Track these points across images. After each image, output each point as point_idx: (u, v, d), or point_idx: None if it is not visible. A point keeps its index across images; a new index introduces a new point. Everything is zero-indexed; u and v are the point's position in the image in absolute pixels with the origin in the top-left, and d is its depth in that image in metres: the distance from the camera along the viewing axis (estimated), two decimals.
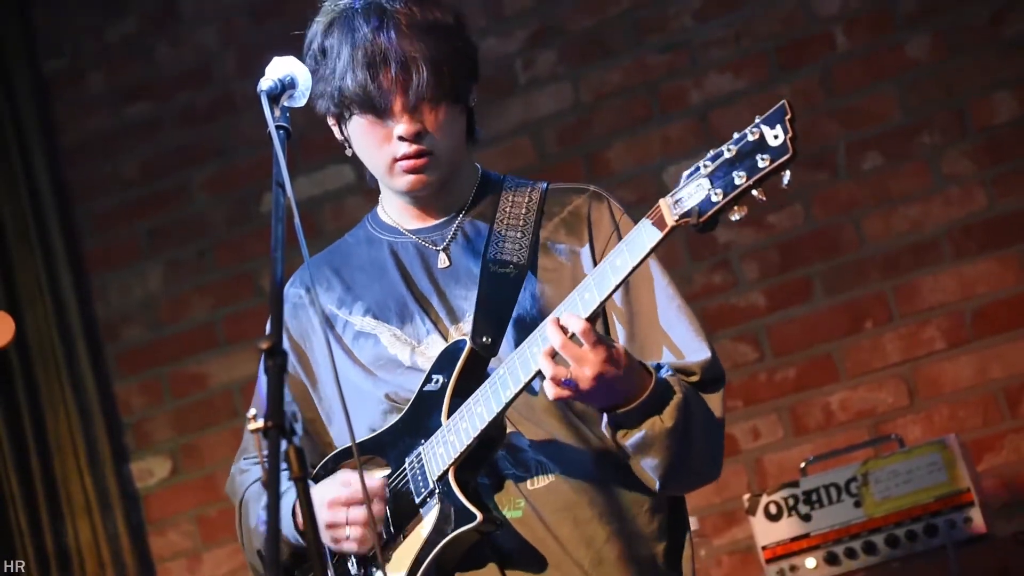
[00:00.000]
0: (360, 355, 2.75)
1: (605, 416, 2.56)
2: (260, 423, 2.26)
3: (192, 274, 4.77)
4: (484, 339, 2.65)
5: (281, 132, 2.51)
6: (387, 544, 2.64)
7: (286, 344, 2.65)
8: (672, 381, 2.58)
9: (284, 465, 2.21)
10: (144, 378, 4.74)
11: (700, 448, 2.61)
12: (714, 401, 2.66)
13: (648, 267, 2.69)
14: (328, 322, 2.79)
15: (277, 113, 2.49)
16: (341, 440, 2.77)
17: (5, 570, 3.35)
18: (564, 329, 2.47)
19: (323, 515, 2.59)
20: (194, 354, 4.72)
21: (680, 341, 2.68)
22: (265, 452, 2.29)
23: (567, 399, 2.51)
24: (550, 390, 2.48)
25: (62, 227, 4.73)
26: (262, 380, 2.83)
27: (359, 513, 2.60)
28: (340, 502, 2.61)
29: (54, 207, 4.72)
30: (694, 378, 2.65)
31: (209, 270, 4.75)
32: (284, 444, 2.24)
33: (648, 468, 2.59)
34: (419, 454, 2.65)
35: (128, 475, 4.66)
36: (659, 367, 2.60)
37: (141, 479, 4.67)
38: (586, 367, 2.46)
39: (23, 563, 3.46)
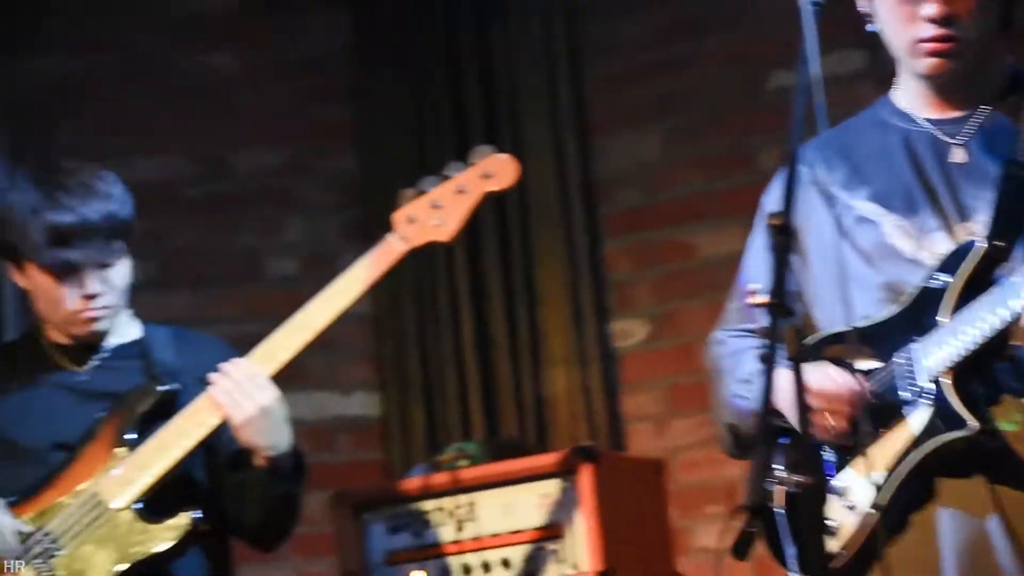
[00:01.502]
0: (859, 241, 2.70)
1: None
2: (762, 298, 2.29)
3: (691, 144, 4.76)
4: (999, 243, 2.56)
5: (814, 8, 2.47)
6: (864, 440, 2.60)
7: None
8: None
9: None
10: (632, 241, 4.78)
11: None
12: None
13: None
14: (829, 202, 2.75)
15: None
16: (827, 323, 2.73)
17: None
18: None
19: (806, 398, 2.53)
20: (684, 224, 4.73)
21: None
22: (762, 327, 2.31)
23: None
24: None
25: (572, 86, 4.79)
26: (752, 255, 2.87)
27: (840, 408, 2.57)
28: (825, 394, 2.58)
29: (566, 67, 4.79)
30: None
31: (708, 142, 4.74)
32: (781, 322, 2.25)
33: None
34: (911, 351, 2.59)
35: (608, 334, 4.73)
36: None
37: (620, 339, 4.74)
38: None
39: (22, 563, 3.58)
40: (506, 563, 3.87)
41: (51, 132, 4.74)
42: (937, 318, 2.58)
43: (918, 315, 2.61)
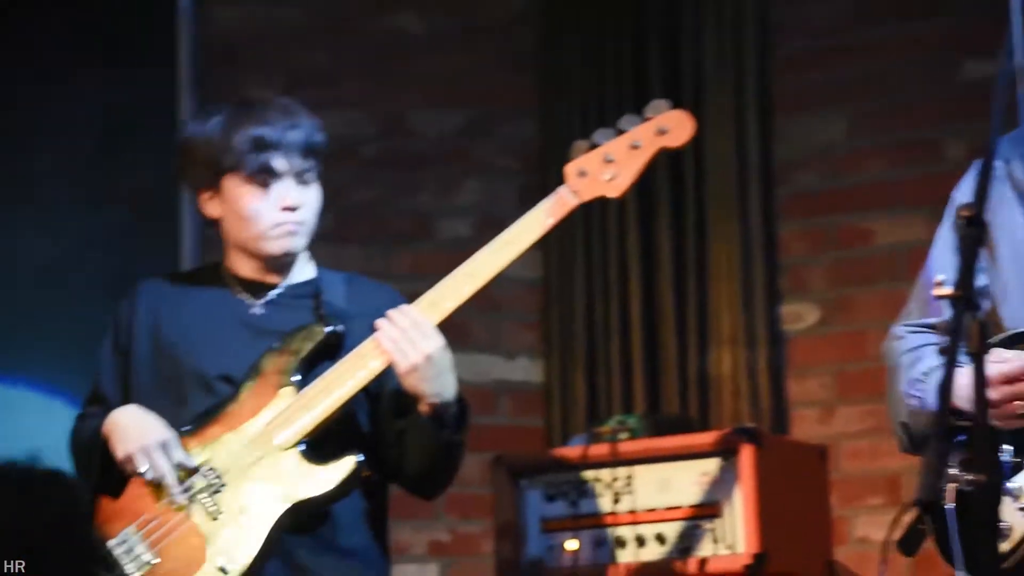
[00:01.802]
0: None
1: None
2: (947, 290, 2.25)
3: (875, 131, 4.65)
4: None
5: None
6: None
7: None
8: None
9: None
10: (809, 225, 4.69)
11: None
12: None
13: None
14: (1023, 200, 2.71)
15: None
16: (1014, 322, 2.69)
17: (5, 570, 3.58)
18: None
19: (990, 394, 2.52)
20: (862, 210, 4.62)
21: None
22: (945, 320, 2.34)
23: None
24: None
25: (758, 65, 4.71)
26: (939, 247, 2.83)
27: None
28: (1005, 378, 2.54)
29: (754, 45, 4.70)
30: None
31: (893, 130, 4.63)
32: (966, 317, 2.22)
33: None
34: None
35: (777, 316, 4.65)
36: None
37: (789, 322, 4.66)
38: None
39: (23, 563, 3.56)
40: (660, 538, 3.84)
41: (237, 83, 4.79)
42: None
43: None
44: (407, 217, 4.88)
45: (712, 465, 3.80)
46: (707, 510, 3.80)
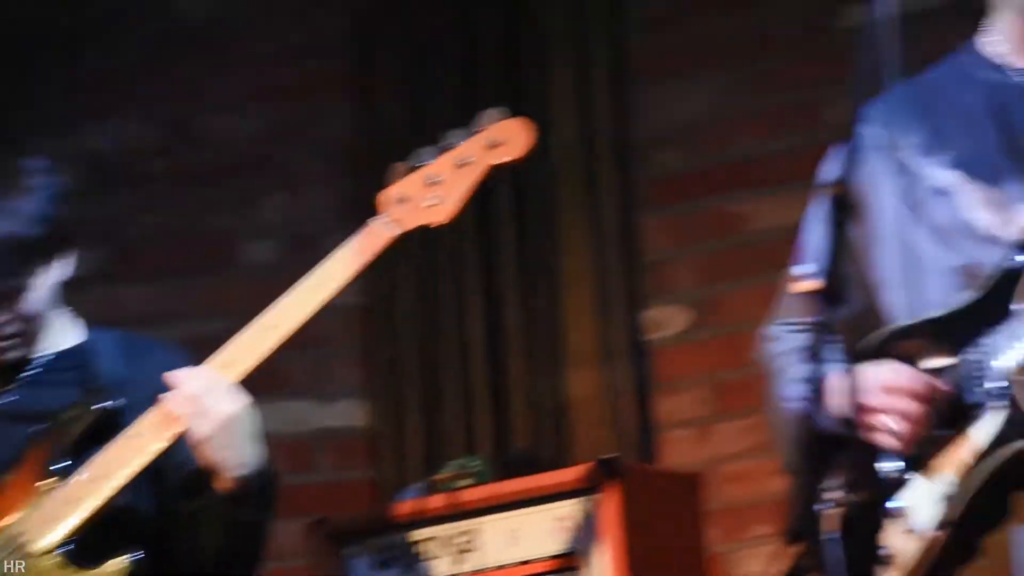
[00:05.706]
0: (934, 216, 2.70)
1: None
2: (810, 284, 2.35)
3: (745, 97, 4.66)
4: None
5: None
6: (930, 444, 2.60)
7: None
8: None
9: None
10: (673, 212, 4.67)
11: None
12: None
13: None
14: (900, 171, 2.74)
15: None
16: (894, 312, 2.73)
17: (5, 570, 3.61)
18: None
19: (865, 398, 2.55)
20: (734, 191, 4.62)
21: None
22: (810, 317, 2.36)
23: None
24: None
25: (606, 27, 4.68)
26: (812, 231, 2.83)
27: (906, 407, 2.57)
28: (889, 388, 2.57)
29: (602, 3, 4.68)
30: None
31: (765, 95, 4.64)
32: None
33: None
34: (985, 344, 2.56)
35: (639, 324, 4.62)
36: None
37: (654, 329, 4.63)
38: None
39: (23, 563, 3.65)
40: None
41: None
42: (1012, 305, 2.54)
43: (995, 301, 2.58)
44: (201, 243, 4.84)
45: (570, 508, 3.81)
46: (566, 562, 3.79)
